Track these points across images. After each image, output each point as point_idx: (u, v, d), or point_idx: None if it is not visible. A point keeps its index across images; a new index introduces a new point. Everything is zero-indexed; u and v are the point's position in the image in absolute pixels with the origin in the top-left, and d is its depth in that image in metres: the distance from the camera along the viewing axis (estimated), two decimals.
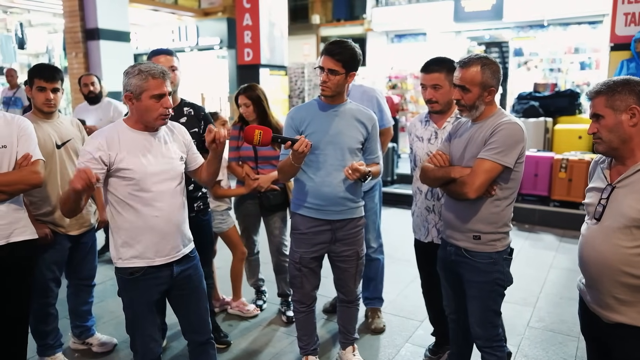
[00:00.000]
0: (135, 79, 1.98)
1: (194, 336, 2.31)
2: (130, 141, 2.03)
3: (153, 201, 2.04)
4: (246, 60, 9.11)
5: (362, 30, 14.26)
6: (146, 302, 2.12)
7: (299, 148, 2.25)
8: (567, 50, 10.98)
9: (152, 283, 2.10)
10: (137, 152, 2.03)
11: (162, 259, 2.10)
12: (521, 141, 2.08)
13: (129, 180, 2.01)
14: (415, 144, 2.73)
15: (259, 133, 2.24)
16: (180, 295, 2.22)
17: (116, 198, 2.04)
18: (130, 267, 2.07)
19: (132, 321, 2.16)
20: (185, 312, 2.27)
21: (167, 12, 12.80)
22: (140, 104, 2.00)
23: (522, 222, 5.95)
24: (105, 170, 2.00)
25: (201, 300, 2.28)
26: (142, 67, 2.00)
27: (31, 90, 2.65)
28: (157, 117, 2.03)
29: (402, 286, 4.10)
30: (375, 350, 3.14)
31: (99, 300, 3.76)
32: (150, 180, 2.03)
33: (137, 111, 2.02)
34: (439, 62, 2.52)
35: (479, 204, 2.13)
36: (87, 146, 2.01)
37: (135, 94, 1.99)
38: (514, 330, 3.31)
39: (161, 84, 2.00)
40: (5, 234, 2.21)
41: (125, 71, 2.03)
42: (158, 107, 2.01)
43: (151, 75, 1.98)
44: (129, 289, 2.12)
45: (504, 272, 2.18)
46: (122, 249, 2.07)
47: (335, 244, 2.61)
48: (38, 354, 2.86)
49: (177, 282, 2.17)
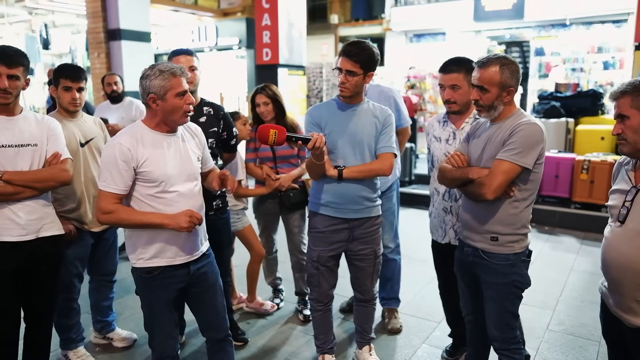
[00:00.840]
0: (158, 79, 1.99)
1: (212, 333, 2.33)
2: (151, 143, 2.05)
3: (174, 202, 2.07)
4: (265, 60, 9.15)
5: (381, 30, 14.21)
6: (164, 300, 2.14)
7: (313, 145, 2.26)
8: (590, 49, 10.79)
9: (170, 281, 2.13)
10: (159, 154, 2.05)
11: (182, 259, 2.13)
12: (540, 142, 2.06)
13: (151, 182, 2.03)
14: (433, 145, 2.72)
15: (274, 133, 2.25)
16: (197, 292, 2.25)
17: (138, 199, 2.06)
18: (150, 266, 2.09)
19: (150, 319, 2.19)
20: (202, 310, 2.29)
21: (187, 12, 12.95)
22: (166, 103, 2.01)
23: (542, 224, 5.88)
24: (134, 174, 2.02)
25: (217, 298, 2.31)
26: (160, 67, 2.01)
27: (57, 90, 2.72)
28: (182, 114, 2.06)
29: (419, 287, 4.09)
30: (391, 351, 3.13)
31: (119, 296, 3.82)
32: (171, 182, 2.06)
33: (163, 112, 2.03)
34: (457, 62, 2.51)
35: (497, 205, 2.12)
36: (119, 156, 1.98)
37: (159, 94, 1.99)
38: (533, 333, 3.27)
39: (181, 81, 2.03)
40: (34, 229, 2.28)
41: (143, 74, 2.03)
42: (182, 105, 2.04)
43: (172, 73, 2.00)
44: (147, 287, 2.15)
45: (522, 274, 2.16)
46: (143, 248, 2.09)
47: (352, 242, 2.62)
48: (61, 347, 2.92)
49: (193, 280, 2.20)
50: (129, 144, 2.00)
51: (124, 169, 1.98)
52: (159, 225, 2.00)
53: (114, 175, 1.98)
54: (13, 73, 2.17)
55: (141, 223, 2.02)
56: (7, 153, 2.19)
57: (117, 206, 2.00)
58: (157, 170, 2.03)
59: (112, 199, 1.99)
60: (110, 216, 2.00)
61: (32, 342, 2.47)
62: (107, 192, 1.99)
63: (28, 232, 2.25)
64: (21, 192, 2.21)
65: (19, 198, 2.21)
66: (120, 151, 1.98)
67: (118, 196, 2.00)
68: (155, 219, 2.01)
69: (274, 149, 3.36)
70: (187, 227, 1.99)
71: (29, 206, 2.25)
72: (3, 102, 2.20)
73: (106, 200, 1.99)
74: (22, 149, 2.23)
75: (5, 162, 2.18)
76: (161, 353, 2.20)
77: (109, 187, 1.99)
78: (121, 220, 2.02)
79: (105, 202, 1.99)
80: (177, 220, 1.98)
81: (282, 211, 3.53)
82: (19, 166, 2.22)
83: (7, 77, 2.16)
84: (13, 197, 2.19)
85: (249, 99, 3.48)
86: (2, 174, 2.15)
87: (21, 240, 2.24)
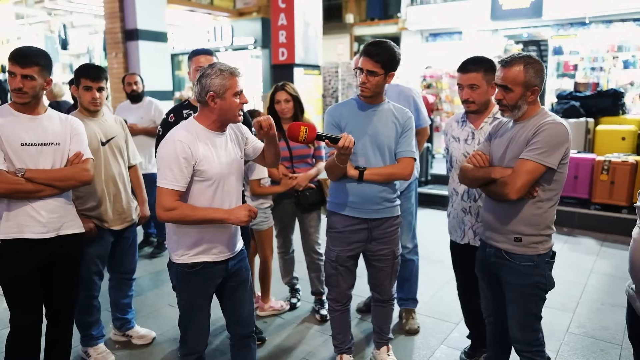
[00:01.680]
0: (219, 78, 2.01)
1: (239, 329, 2.35)
2: (206, 141, 2.08)
3: (224, 200, 2.12)
4: (281, 60, 9.16)
5: (396, 30, 14.16)
6: (203, 295, 2.19)
7: (343, 144, 2.25)
8: (609, 48, 10.62)
9: (210, 276, 2.18)
10: (212, 152, 2.08)
11: (224, 255, 2.18)
12: (565, 142, 2.03)
13: (206, 180, 2.06)
14: (451, 145, 2.70)
15: (305, 130, 2.25)
16: (230, 287, 2.28)
17: (190, 198, 2.08)
18: (194, 261, 2.13)
19: (187, 314, 2.22)
20: (232, 305, 2.32)
21: (203, 12, 13.04)
22: (225, 102, 2.03)
23: (560, 225, 5.80)
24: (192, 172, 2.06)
25: (247, 294, 2.34)
26: (220, 66, 2.04)
27: (77, 89, 2.75)
28: (237, 113, 2.09)
29: (436, 287, 4.06)
30: (409, 352, 3.12)
31: (138, 294, 3.86)
32: (223, 179, 2.10)
33: (220, 110, 2.05)
34: (476, 62, 2.48)
35: (521, 206, 2.09)
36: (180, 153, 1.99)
37: (219, 93, 2.02)
38: (553, 336, 3.23)
39: (239, 80, 2.07)
40: (55, 227, 2.32)
41: (203, 73, 2.05)
42: (238, 104, 2.07)
43: (231, 73, 2.04)
44: (188, 282, 2.17)
45: (546, 275, 2.13)
46: (189, 245, 2.12)
47: (371, 242, 2.61)
48: (81, 344, 2.96)
49: (230, 276, 2.25)
50: (188, 141, 2.02)
51: (185, 166, 2.00)
52: (220, 220, 2.05)
53: (175, 172, 2.00)
54: (27, 73, 2.18)
55: (203, 219, 2.05)
56: (29, 151, 2.23)
57: (179, 203, 2.02)
58: (212, 169, 2.06)
59: (174, 196, 2.01)
60: (173, 213, 2.01)
61: (54, 338, 2.51)
62: (168, 190, 2.00)
63: (49, 230, 2.29)
64: (42, 190, 2.24)
65: (40, 196, 2.25)
66: (181, 148, 1.99)
67: (179, 193, 2.02)
68: (216, 214, 2.05)
69: (291, 148, 3.36)
70: (247, 220, 2.07)
71: (50, 204, 2.29)
72: (20, 102, 2.23)
73: (168, 197, 2.00)
74: (44, 147, 2.27)
75: (27, 160, 2.22)
76: (193, 348, 2.23)
77: (171, 184, 2.00)
78: (185, 216, 2.03)
79: (167, 200, 2.00)
80: (237, 215, 2.06)
81: (298, 211, 3.52)
82: (41, 164, 2.26)
83: (22, 76, 2.19)
84: (34, 194, 2.22)
85: (268, 96, 3.48)
86: (24, 171, 2.19)
87: (42, 238, 2.27)
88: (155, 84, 9.50)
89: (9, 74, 2.20)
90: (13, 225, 2.22)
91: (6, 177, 2.15)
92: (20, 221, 2.23)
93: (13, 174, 2.17)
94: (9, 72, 2.20)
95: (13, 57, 2.19)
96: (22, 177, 2.18)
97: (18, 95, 2.21)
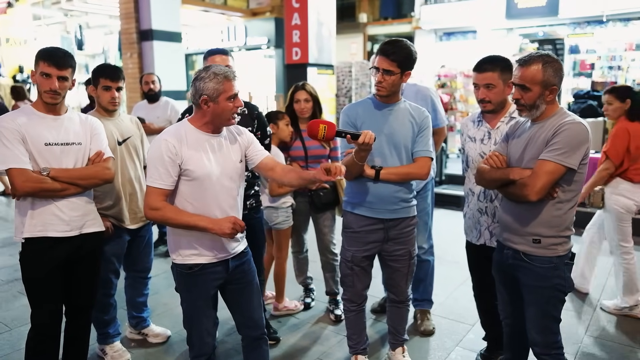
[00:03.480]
0: (212, 82, 2.02)
1: (248, 331, 2.34)
2: (195, 142, 2.08)
3: (213, 201, 2.10)
4: (294, 60, 9.17)
5: (410, 29, 14.11)
6: (203, 296, 2.18)
7: (364, 140, 2.23)
8: (627, 47, 10.44)
9: (209, 278, 2.16)
10: (201, 152, 2.08)
11: (222, 256, 2.17)
12: (585, 142, 2.00)
13: (192, 180, 2.06)
14: (467, 145, 2.68)
15: (324, 127, 2.24)
16: (235, 289, 2.27)
17: (180, 197, 2.09)
18: (190, 263, 2.13)
19: (189, 316, 2.22)
20: (239, 307, 2.31)
21: (216, 12, 13.10)
22: (218, 106, 2.04)
23: (578, 227, 5.69)
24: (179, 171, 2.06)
25: (254, 295, 2.32)
26: (215, 70, 2.04)
27: (96, 89, 2.77)
28: (230, 117, 2.09)
29: (451, 288, 4.03)
30: (424, 353, 3.10)
31: (153, 293, 3.88)
32: (212, 181, 2.08)
33: (213, 113, 2.06)
34: (492, 61, 2.46)
35: (540, 207, 2.06)
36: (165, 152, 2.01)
37: (212, 97, 2.03)
38: (571, 339, 3.18)
39: (234, 85, 2.06)
40: (78, 225, 2.35)
41: (197, 76, 2.06)
42: (232, 108, 2.07)
43: (226, 77, 2.04)
44: (187, 283, 2.18)
45: (565, 277, 2.10)
46: (184, 246, 2.13)
47: (387, 243, 2.60)
48: (98, 342, 2.99)
49: (231, 277, 2.23)
50: (174, 141, 2.04)
51: (170, 165, 2.02)
52: (202, 228, 2.04)
53: (160, 171, 2.02)
54: (63, 74, 2.24)
55: (186, 224, 2.05)
56: (53, 151, 2.26)
57: (164, 204, 2.04)
58: (199, 170, 2.05)
59: (159, 195, 2.03)
60: (157, 213, 2.03)
61: (73, 335, 2.54)
62: (153, 188, 2.03)
63: (72, 228, 2.32)
64: (67, 188, 2.28)
65: (64, 195, 2.28)
66: (166, 147, 2.02)
67: (164, 192, 2.04)
68: (200, 222, 2.04)
69: (307, 148, 3.36)
70: (230, 233, 2.03)
71: (73, 203, 2.32)
72: (52, 102, 2.27)
73: (153, 196, 2.03)
74: (67, 147, 2.30)
75: (51, 160, 2.25)
76: (199, 350, 2.23)
77: (155, 183, 2.03)
78: (167, 218, 2.05)
79: (152, 198, 2.03)
80: (221, 226, 2.02)
81: (312, 211, 3.52)
82: (64, 164, 2.29)
83: (57, 78, 2.23)
84: (60, 193, 2.26)
85: (288, 95, 3.47)
86: (49, 171, 2.22)
87: (66, 236, 2.30)
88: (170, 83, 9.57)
89: (42, 75, 2.21)
90: (37, 223, 2.26)
91: (32, 176, 2.18)
92: (44, 220, 2.26)
93: (38, 173, 2.20)
94: (42, 73, 2.21)
95: (48, 58, 2.21)
96: (47, 176, 2.21)
97: (52, 96, 2.24)
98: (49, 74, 2.20)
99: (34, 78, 2.27)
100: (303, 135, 3.38)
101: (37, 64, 2.23)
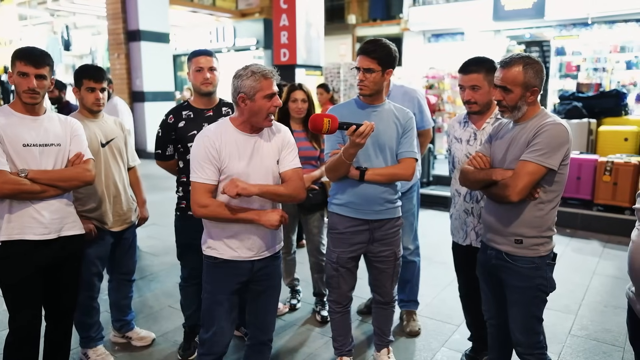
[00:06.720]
0: (249, 80, 2.02)
1: (258, 333, 2.35)
2: (232, 141, 2.09)
3: (251, 202, 2.11)
4: (282, 61, 9.17)
5: (399, 30, 14.16)
6: (224, 289, 2.19)
7: (364, 130, 2.22)
8: (612, 49, 10.59)
9: (233, 272, 2.18)
10: (237, 151, 2.09)
11: (246, 256, 2.17)
12: (566, 142, 2.01)
13: (227, 178, 2.07)
14: (453, 146, 2.69)
15: (328, 121, 2.22)
16: (256, 290, 2.28)
17: (222, 196, 2.09)
18: (214, 255, 2.16)
19: (207, 309, 2.22)
20: (255, 309, 2.32)
21: (205, 13, 13.05)
22: (254, 104, 2.04)
23: (563, 227, 5.77)
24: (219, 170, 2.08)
25: (273, 300, 2.34)
26: (253, 68, 2.04)
27: (79, 91, 2.74)
28: (266, 116, 2.08)
29: (438, 289, 4.05)
30: (410, 354, 3.10)
31: (138, 296, 3.85)
32: (248, 180, 2.07)
33: (249, 112, 2.06)
34: (477, 63, 2.47)
35: (522, 207, 2.07)
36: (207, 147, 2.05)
37: (249, 95, 2.03)
38: (555, 338, 3.21)
39: (272, 83, 2.06)
40: (57, 228, 2.31)
41: (236, 74, 2.06)
42: (269, 107, 2.06)
43: (263, 75, 2.03)
44: (212, 274, 2.20)
45: (547, 277, 2.12)
46: (213, 238, 2.16)
47: (373, 244, 2.60)
48: (80, 345, 2.95)
49: (255, 277, 2.24)
50: (214, 137, 2.06)
51: (214, 160, 2.04)
52: (250, 220, 2.07)
53: (204, 167, 2.05)
54: (40, 73, 2.20)
55: (234, 217, 2.07)
56: (32, 152, 2.22)
57: (211, 200, 2.06)
58: (233, 168, 2.07)
59: (205, 191, 2.06)
60: (206, 210, 2.06)
61: (53, 340, 2.50)
62: (199, 184, 2.05)
63: (51, 231, 2.28)
64: (46, 190, 2.24)
65: (44, 197, 2.25)
66: (209, 143, 2.05)
67: (209, 187, 2.06)
68: (247, 214, 2.07)
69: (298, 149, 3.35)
70: (277, 225, 2.07)
71: (52, 205, 2.29)
72: (32, 102, 2.23)
73: (200, 192, 2.05)
74: (46, 148, 2.27)
75: (30, 161, 2.22)
76: (209, 348, 2.22)
77: (200, 178, 2.05)
78: (217, 214, 2.07)
79: (200, 195, 2.05)
80: (269, 217, 2.06)
81: (301, 212, 3.51)
82: (44, 165, 2.26)
83: (35, 77, 2.20)
84: (39, 195, 2.22)
85: (284, 94, 3.47)
86: (27, 172, 2.18)
87: (44, 239, 2.27)
88: (157, 84, 9.50)
89: (19, 74, 2.18)
90: (15, 226, 2.22)
91: (9, 177, 2.14)
92: (22, 222, 2.22)
93: (16, 174, 2.16)
94: (20, 72, 2.18)
95: (25, 57, 2.18)
96: (25, 178, 2.17)
97: (31, 95, 2.21)
98: (26, 73, 2.17)
99: (11, 79, 2.23)
100: (295, 136, 3.38)
101: (13, 64, 2.19)
